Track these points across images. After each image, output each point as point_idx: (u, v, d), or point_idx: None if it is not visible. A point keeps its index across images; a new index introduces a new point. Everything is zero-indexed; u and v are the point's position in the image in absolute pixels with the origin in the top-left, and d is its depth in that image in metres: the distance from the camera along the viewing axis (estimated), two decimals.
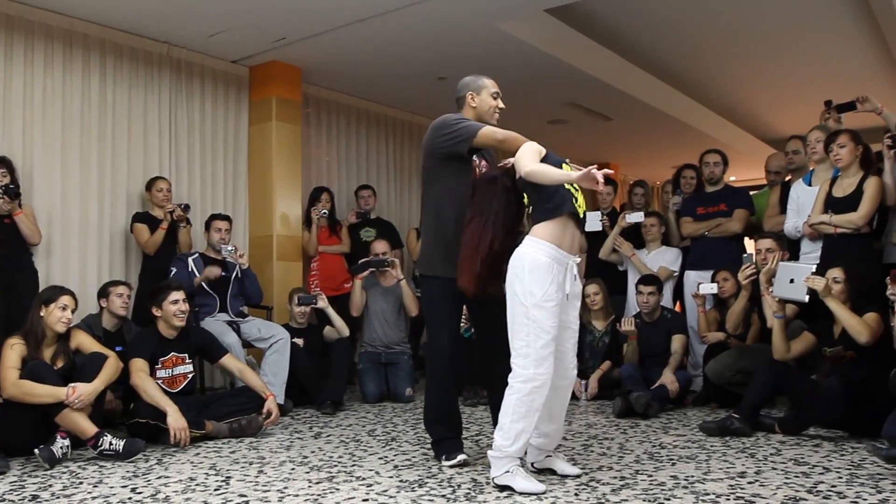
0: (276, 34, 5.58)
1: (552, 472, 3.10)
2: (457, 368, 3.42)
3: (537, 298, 2.82)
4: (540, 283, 2.82)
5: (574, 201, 2.94)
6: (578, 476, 3.06)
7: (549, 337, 2.83)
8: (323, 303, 5.26)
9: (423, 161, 3.38)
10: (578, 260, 2.99)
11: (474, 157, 3.30)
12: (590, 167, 2.64)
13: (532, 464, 3.13)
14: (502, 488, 2.87)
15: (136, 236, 5.22)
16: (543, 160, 2.95)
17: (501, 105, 3.36)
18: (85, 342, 3.85)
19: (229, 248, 5.06)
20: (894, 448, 3.08)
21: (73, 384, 3.47)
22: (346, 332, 5.30)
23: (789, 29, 6.22)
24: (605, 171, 2.69)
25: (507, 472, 2.87)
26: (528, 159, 2.92)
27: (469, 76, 3.41)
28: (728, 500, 2.72)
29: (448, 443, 3.34)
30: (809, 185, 4.74)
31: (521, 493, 2.81)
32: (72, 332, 3.84)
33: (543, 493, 2.82)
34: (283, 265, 6.15)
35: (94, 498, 2.85)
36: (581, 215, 2.99)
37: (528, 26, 5.75)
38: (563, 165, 2.98)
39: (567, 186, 2.92)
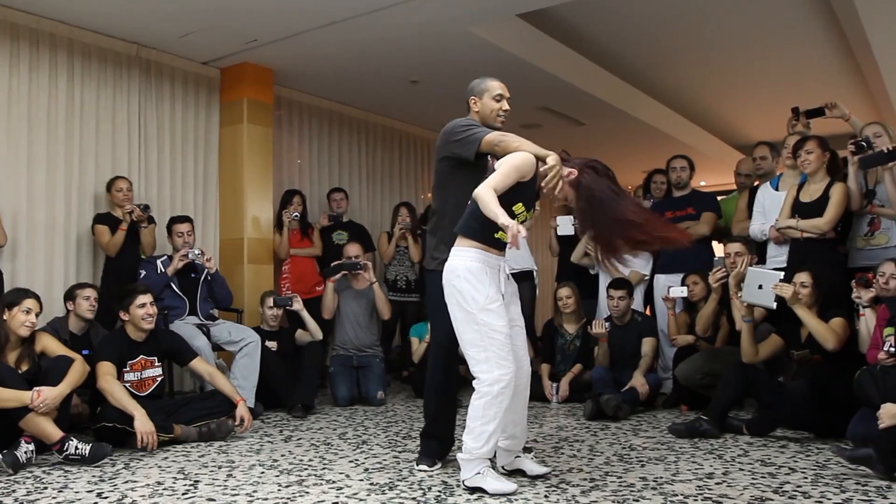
0: (247, 36, 5.54)
1: (522, 473, 3.12)
2: (454, 365, 3.39)
3: (481, 303, 2.85)
4: (479, 287, 2.87)
5: (498, 232, 2.89)
6: (547, 475, 3.08)
7: (503, 336, 2.86)
8: (298, 305, 5.23)
9: (435, 163, 3.36)
10: (507, 259, 3.03)
11: (489, 157, 3.25)
12: (517, 229, 2.61)
13: (502, 466, 3.14)
14: (473, 490, 2.87)
15: (97, 238, 5.14)
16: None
17: (506, 107, 3.34)
18: (50, 345, 3.78)
19: (196, 251, 5.01)
20: (858, 449, 3.14)
21: (37, 388, 3.41)
22: (319, 335, 5.27)
23: (756, 35, 6.31)
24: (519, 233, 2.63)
25: (478, 473, 2.87)
26: (496, 177, 2.84)
27: (477, 79, 3.40)
28: (696, 500, 2.75)
29: (433, 446, 3.33)
30: (776, 189, 4.81)
31: (492, 495, 2.82)
32: (37, 335, 3.77)
33: (514, 493, 2.83)
34: (253, 268, 6.10)
35: (58, 503, 2.81)
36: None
37: (500, 31, 5.77)
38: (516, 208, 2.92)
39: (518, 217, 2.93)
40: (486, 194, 2.78)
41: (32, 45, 5.08)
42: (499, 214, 2.71)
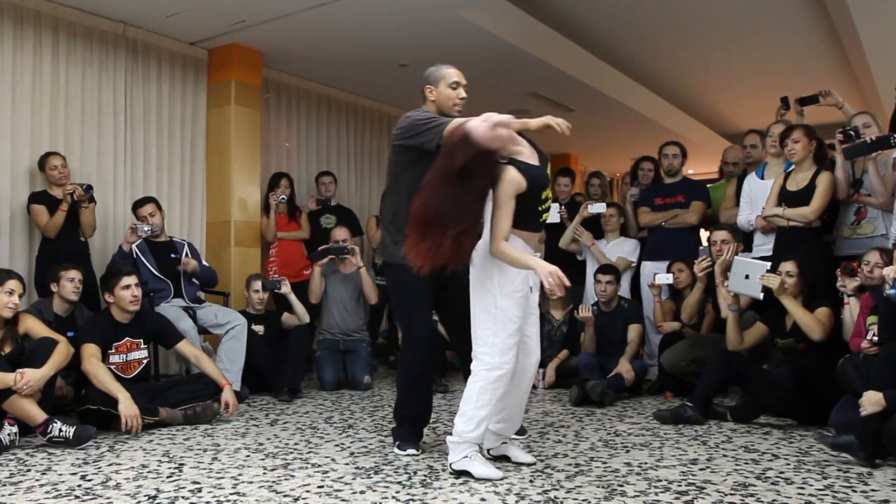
0: (235, 16, 5.48)
1: (507, 459, 3.12)
2: (433, 357, 3.39)
3: (506, 289, 2.86)
4: (509, 274, 2.85)
5: (543, 215, 2.99)
6: (533, 464, 3.09)
7: (515, 327, 2.87)
8: (286, 288, 5.21)
9: (390, 153, 3.31)
10: (539, 254, 3.03)
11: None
12: (555, 275, 2.67)
13: (488, 450, 3.15)
14: (459, 474, 2.88)
15: (34, 218, 4.83)
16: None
17: (462, 95, 3.26)
18: (34, 327, 3.76)
19: (145, 228, 4.92)
20: (840, 436, 3.16)
21: (21, 370, 3.40)
22: (306, 318, 5.26)
23: (746, 24, 6.31)
24: None
25: (466, 457, 2.88)
26: (498, 222, 2.79)
27: (431, 67, 3.32)
28: (680, 486, 2.77)
29: (407, 432, 3.35)
30: (762, 178, 4.83)
31: (478, 479, 2.83)
32: (20, 316, 3.75)
33: (501, 479, 2.84)
34: (240, 251, 6.07)
35: (42, 485, 2.80)
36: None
37: (490, 15, 5.74)
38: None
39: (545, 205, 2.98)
40: (501, 251, 2.77)
41: (16, 23, 5.01)
42: (528, 263, 2.75)
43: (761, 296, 4.03)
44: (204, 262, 5.27)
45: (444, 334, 4.46)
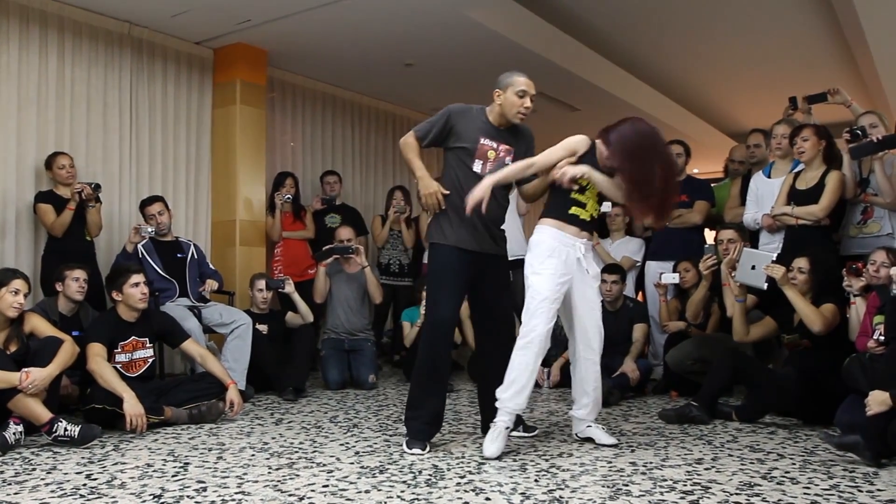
0: (241, 16, 5.49)
1: (591, 441, 3.42)
2: (449, 344, 3.41)
3: (534, 268, 3.24)
4: (538, 257, 3.25)
5: (572, 208, 3.32)
6: (615, 446, 3.36)
7: (542, 297, 3.18)
8: (290, 287, 5.21)
9: None
10: (588, 243, 3.37)
11: (486, 141, 3.36)
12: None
13: (576, 434, 3.50)
14: (463, 475, 2.88)
15: (41, 217, 4.85)
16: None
17: (528, 104, 3.36)
18: (40, 326, 3.76)
19: (149, 229, 4.95)
20: (846, 436, 3.15)
21: (26, 369, 3.40)
22: (310, 317, 5.27)
23: (751, 23, 6.29)
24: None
25: (495, 424, 3.22)
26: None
27: (506, 72, 3.42)
28: (685, 485, 2.76)
29: (418, 427, 3.32)
30: (769, 177, 4.81)
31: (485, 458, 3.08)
32: (25, 315, 3.75)
33: (495, 457, 3.11)
34: (245, 250, 6.08)
35: (47, 484, 2.80)
36: (587, 218, 3.36)
37: (496, 15, 5.73)
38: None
39: (574, 195, 3.31)
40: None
41: (22, 23, 5.02)
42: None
43: (765, 286, 4.01)
44: (209, 264, 5.28)
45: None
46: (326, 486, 2.77)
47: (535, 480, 2.83)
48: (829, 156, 4.44)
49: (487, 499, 2.60)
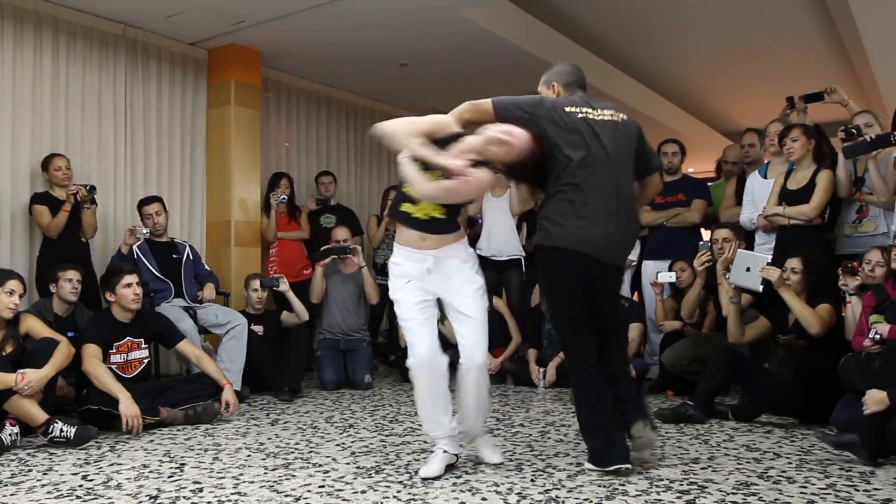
0: (235, 16, 5.48)
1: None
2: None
3: (393, 296, 3.07)
4: (394, 284, 3.09)
5: (401, 205, 3.11)
6: (501, 464, 3.04)
7: (407, 325, 2.99)
8: (284, 286, 5.20)
9: None
10: (446, 250, 3.04)
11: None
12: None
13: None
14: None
15: (36, 219, 4.84)
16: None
17: None
18: (35, 327, 3.75)
19: (144, 231, 4.95)
20: (842, 435, 3.16)
21: (22, 370, 3.39)
22: (305, 315, 5.25)
23: (746, 21, 6.30)
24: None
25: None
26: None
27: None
28: (681, 485, 2.76)
29: (611, 449, 2.89)
30: (765, 177, 4.82)
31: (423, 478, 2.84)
32: (21, 316, 3.74)
33: (437, 477, 2.84)
34: (240, 251, 6.07)
35: (43, 485, 2.79)
36: (416, 215, 3.07)
37: (490, 14, 5.73)
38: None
39: (404, 190, 3.06)
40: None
41: (16, 24, 5.00)
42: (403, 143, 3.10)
43: (761, 288, 4.02)
44: (204, 265, 5.27)
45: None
46: (322, 486, 2.77)
47: (532, 480, 2.83)
48: (820, 155, 4.45)
49: (483, 499, 2.60)
